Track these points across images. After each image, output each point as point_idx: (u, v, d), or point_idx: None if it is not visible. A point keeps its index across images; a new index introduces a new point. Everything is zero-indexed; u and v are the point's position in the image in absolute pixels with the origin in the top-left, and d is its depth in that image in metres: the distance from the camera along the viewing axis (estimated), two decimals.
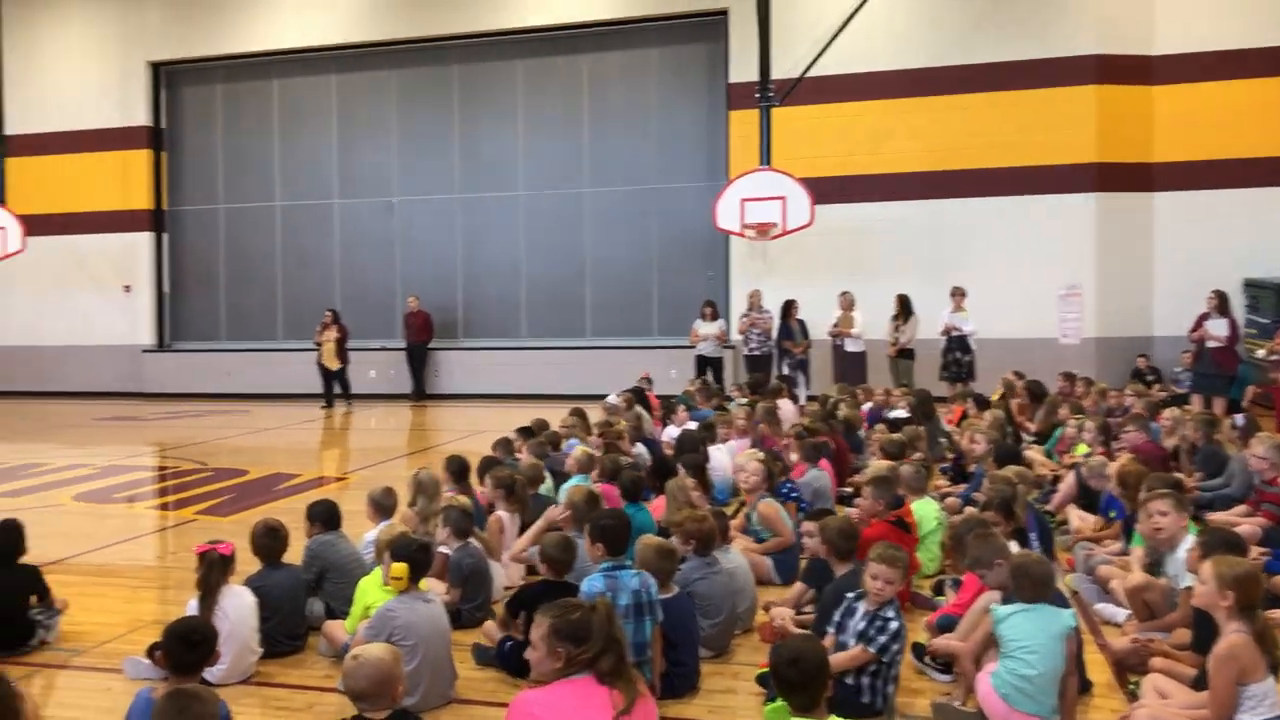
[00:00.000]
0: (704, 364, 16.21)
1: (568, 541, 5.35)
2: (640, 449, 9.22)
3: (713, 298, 16.99)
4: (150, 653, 5.15)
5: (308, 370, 19.43)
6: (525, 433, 9.25)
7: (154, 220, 21.14)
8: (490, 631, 5.48)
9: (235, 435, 15.00)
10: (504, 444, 8.71)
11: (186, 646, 3.94)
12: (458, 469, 7.54)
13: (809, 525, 5.88)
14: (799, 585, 5.88)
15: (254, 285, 20.96)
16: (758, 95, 14.69)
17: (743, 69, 16.83)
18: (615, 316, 18.93)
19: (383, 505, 6.55)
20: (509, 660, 5.19)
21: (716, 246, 17.92)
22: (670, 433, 10.43)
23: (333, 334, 18.09)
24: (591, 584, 4.84)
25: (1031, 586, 4.37)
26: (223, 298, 21.23)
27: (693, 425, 10.22)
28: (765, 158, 14.54)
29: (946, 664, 4.98)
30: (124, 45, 20.90)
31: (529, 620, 5.21)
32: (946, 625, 5.10)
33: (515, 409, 16.63)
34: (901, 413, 11.12)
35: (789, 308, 15.69)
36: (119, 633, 6.00)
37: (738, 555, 6.07)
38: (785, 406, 11.65)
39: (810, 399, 13.35)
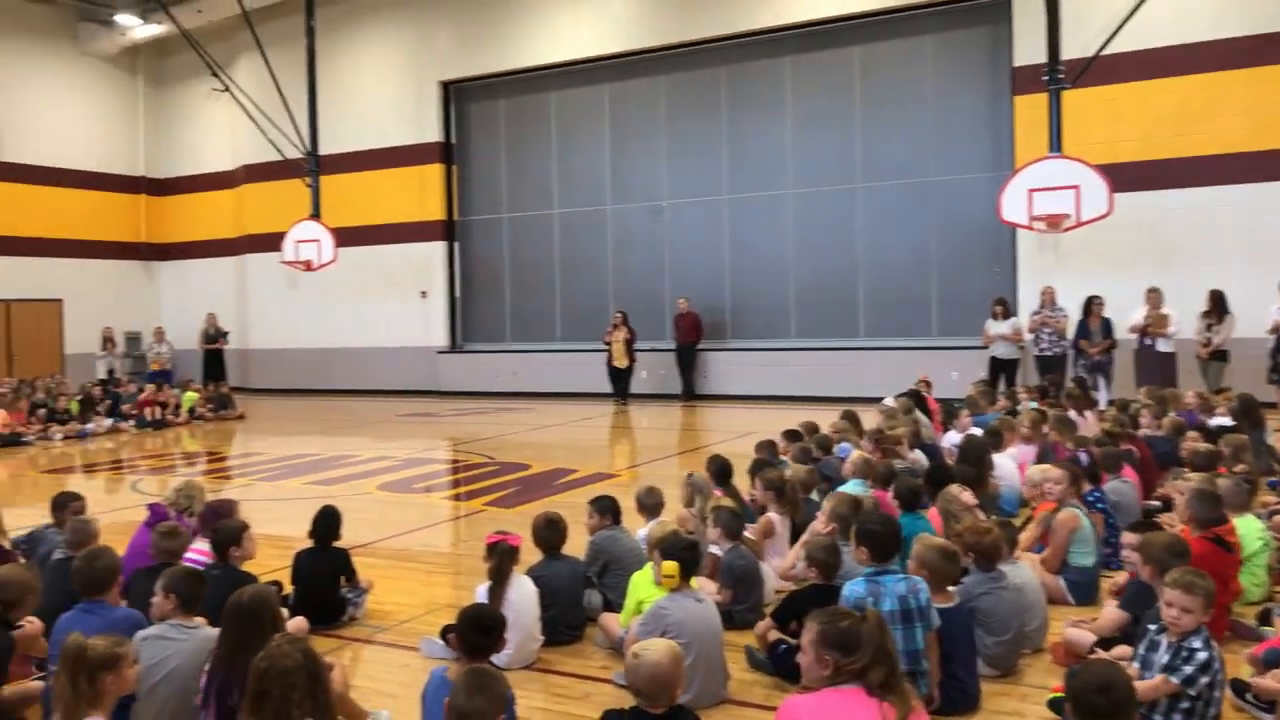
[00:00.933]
0: (998, 366, 15.34)
1: (834, 544, 5.23)
2: (918, 455, 8.83)
3: (999, 294, 16.09)
4: (444, 634, 5.49)
5: (585, 370, 20.23)
6: (792, 435, 9.07)
7: (446, 230, 22.64)
8: (763, 634, 5.39)
9: (519, 431, 15.77)
10: (767, 446, 8.56)
11: (480, 632, 4.11)
12: (719, 470, 7.49)
13: (1130, 538, 5.33)
14: (1114, 612, 5.25)
15: (535, 289, 21.99)
16: (1046, 78, 13.67)
17: (1028, 50, 15.81)
18: (890, 316, 18.29)
19: (646, 504, 6.63)
20: (781, 664, 5.09)
21: (1002, 241, 16.95)
22: (951, 438, 9.92)
23: (622, 334, 18.79)
24: (852, 589, 4.70)
25: None
26: (507, 302, 22.42)
27: (976, 431, 9.66)
28: (1055, 144, 13.51)
29: (1274, 703, 4.37)
30: (418, 67, 22.55)
31: (800, 625, 5.13)
32: (1275, 660, 4.48)
33: (784, 411, 16.44)
34: (1224, 420, 10.00)
35: (1090, 305, 14.53)
36: (416, 613, 6.39)
37: (1027, 570, 5.63)
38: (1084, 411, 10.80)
39: (1110, 403, 12.27)
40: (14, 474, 13.15)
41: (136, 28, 24.20)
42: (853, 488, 7.14)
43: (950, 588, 4.91)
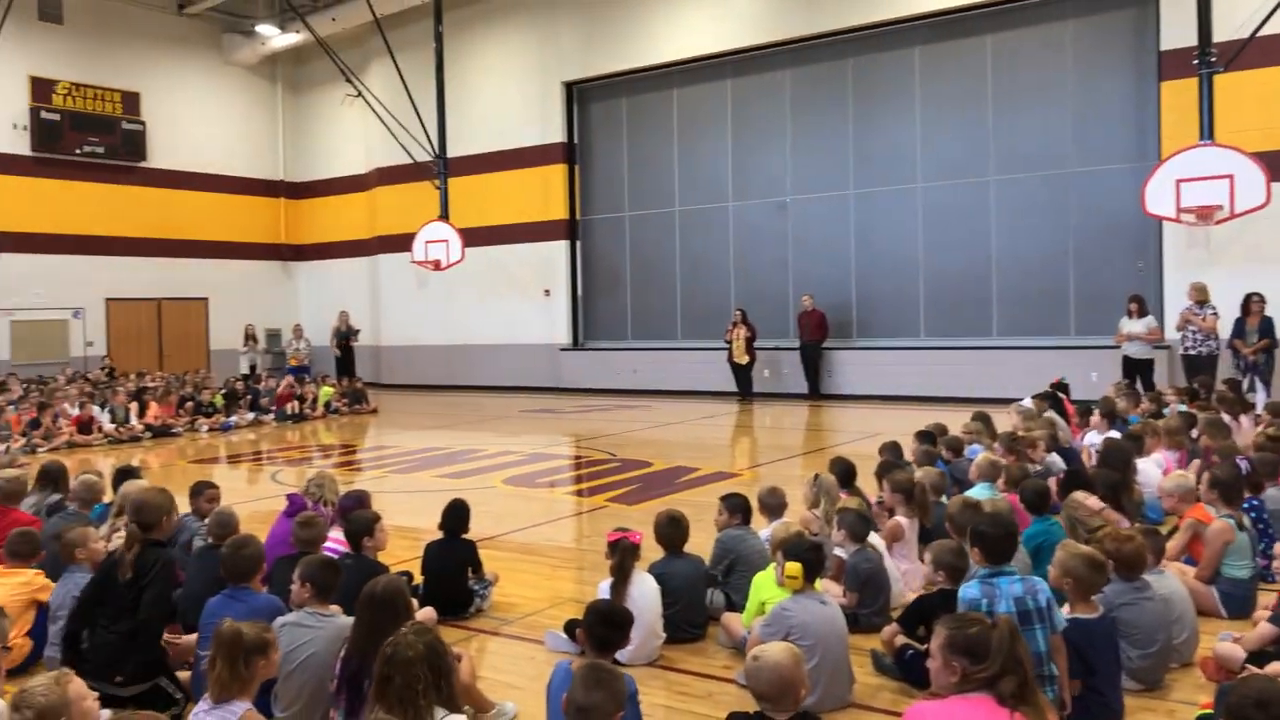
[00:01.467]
0: (1130, 366, 14.63)
1: (962, 548, 5.06)
2: (1054, 459, 8.48)
3: (1143, 291, 15.33)
4: (568, 629, 5.53)
5: (706, 368, 20.19)
6: (924, 437, 8.81)
7: (569, 229, 22.89)
8: (889, 639, 5.25)
9: (641, 429, 15.82)
10: (893, 448, 8.35)
11: (610, 626, 4.14)
12: (843, 471, 7.33)
13: None
14: (1267, 627, 4.94)
15: (655, 288, 22.03)
16: (1196, 61, 12.95)
17: (1176, 33, 15.03)
18: (1026, 314, 17.61)
19: (769, 504, 6.56)
20: (909, 669, 4.99)
21: (1147, 235, 16.16)
22: (1091, 440, 9.49)
23: (743, 331, 18.67)
24: (966, 591, 4.58)
25: None
26: (628, 300, 22.53)
27: (1114, 434, 9.22)
28: (1207, 131, 12.79)
29: None
30: (541, 69, 22.86)
31: (929, 630, 4.98)
32: None
33: (912, 411, 16.08)
34: None
35: (1248, 302, 13.65)
36: (541, 607, 6.45)
37: (1173, 580, 5.35)
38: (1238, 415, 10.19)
39: (1266, 407, 11.53)
40: (164, 464, 13.88)
41: (275, 37, 25.27)
42: (981, 491, 6.91)
43: (1093, 597, 4.70)
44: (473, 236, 21.62)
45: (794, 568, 4.87)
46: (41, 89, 22.45)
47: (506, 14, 23.25)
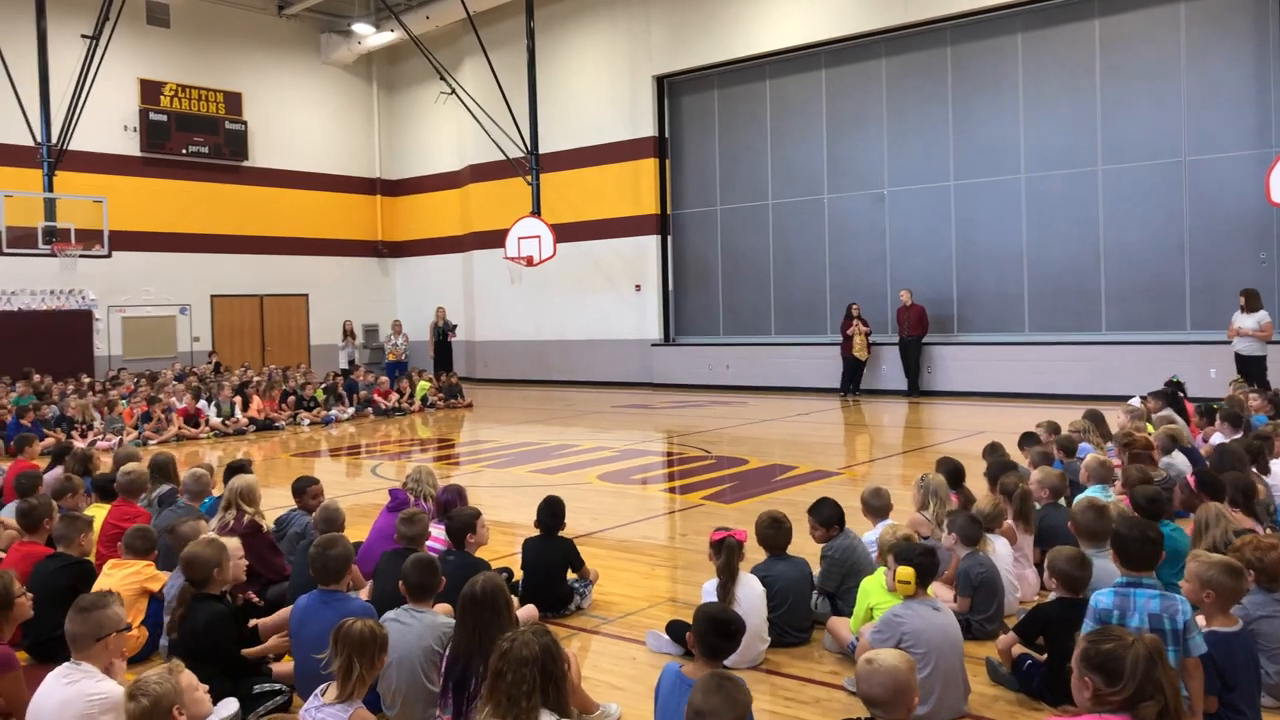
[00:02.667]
0: (1242, 363, 13.93)
1: (1081, 557, 4.80)
2: (1174, 460, 8.06)
3: (1264, 284, 14.61)
4: (671, 630, 5.42)
5: (800, 364, 19.95)
6: (1029, 439, 8.46)
7: (660, 224, 22.81)
8: (1006, 647, 5.02)
9: (735, 425, 15.64)
10: (993, 448, 8.04)
11: (722, 635, 4.00)
12: (951, 472, 7.07)
13: None
14: None
15: (748, 282, 21.79)
16: None
17: None
18: (1137, 308, 16.93)
19: (874, 506, 6.38)
20: (1028, 680, 4.81)
21: (1269, 225, 15.40)
22: (1217, 439, 9.02)
23: (862, 326, 18.38)
24: (1098, 599, 4.35)
25: None
26: (720, 295, 22.34)
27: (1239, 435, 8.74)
28: None
29: None
30: (632, 63, 22.80)
31: (1048, 639, 4.74)
32: None
33: (1016, 409, 15.63)
34: None
35: None
36: (640, 606, 6.36)
37: None
38: None
39: None
40: (268, 456, 14.20)
41: (371, 36, 25.73)
42: (1094, 494, 6.57)
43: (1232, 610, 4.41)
44: (564, 232, 21.71)
45: (906, 572, 4.73)
46: (150, 91, 23.25)
47: (597, 9, 23.25)
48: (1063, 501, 6.84)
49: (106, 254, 19.22)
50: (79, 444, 12.66)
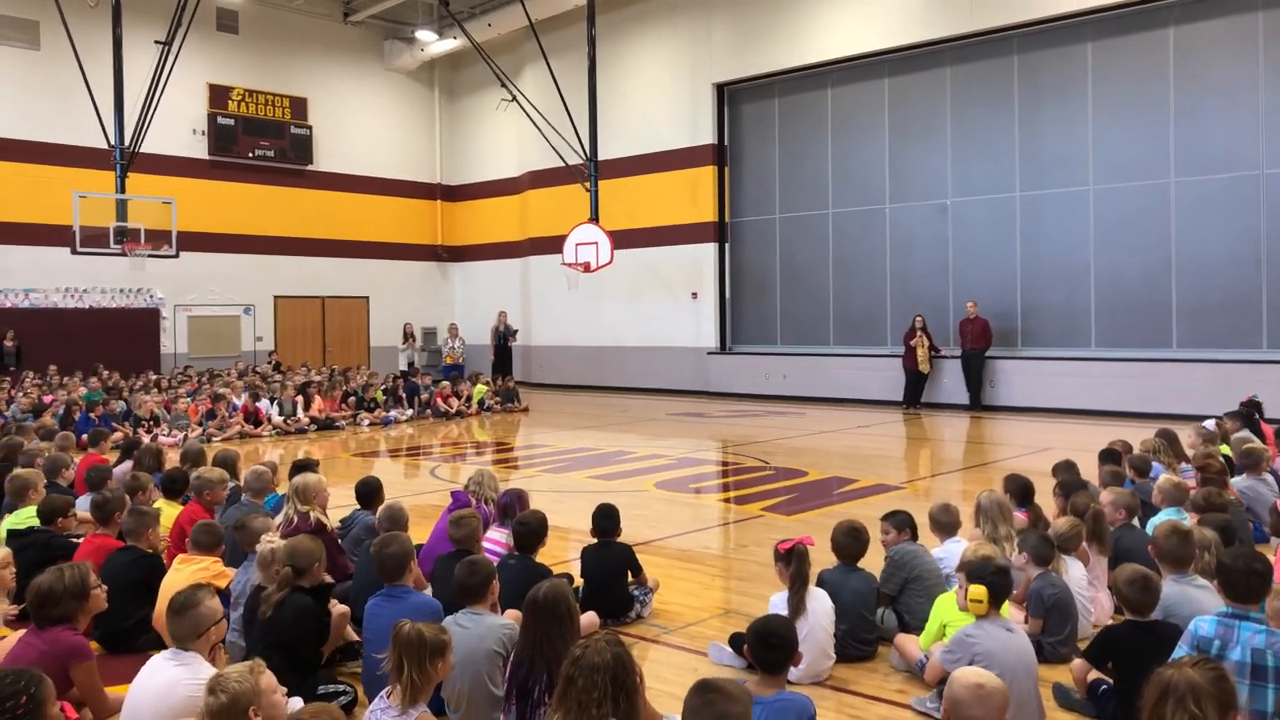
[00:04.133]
0: None
1: (1145, 580, 4.63)
2: (1256, 484, 7.79)
3: None
4: (734, 643, 5.35)
5: (859, 375, 19.74)
6: (1109, 456, 8.22)
7: (718, 232, 22.70)
8: (1080, 674, 4.88)
9: (793, 436, 15.48)
10: (1066, 466, 7.84)
11: (767, 648, 3.98)
12: (1020, 489, 6.89)
13: None
14: None
15: (807, 292, 21.60)
16: None
17: None
18: (1211, 325, 16.42)
19: (942, 522, 6.24)
20: (1103, 706, 4.66)
21: None
22: None
23: (925, 339, 18.13)
24: (1199, 625, 4.19)
25: None
26: (778, 304, 22.18)
27: None
28: None
29: None
30: (692, 70, 22.75)
31: (1118, 664, 4.59)
32: None
33: (1081, 425, 15.30)
34: None
35: None
36: (700, 616, 6.29)
37: None
38: None
39: None
40: (328, 456, 14.35)
41: (434, 43, 26.00)
42: (1168, 516, 6.37)
43: None
44: (622, 239, 21.70)
45: (978, 591, 4.61)
46: (218, 95, 23.72)
47: (659, 17, 23.26)
48: (1136, 522, 6.65)
49: (174, 254, 19.60)
50: (146, 439, 12.89)
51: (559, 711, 3.40)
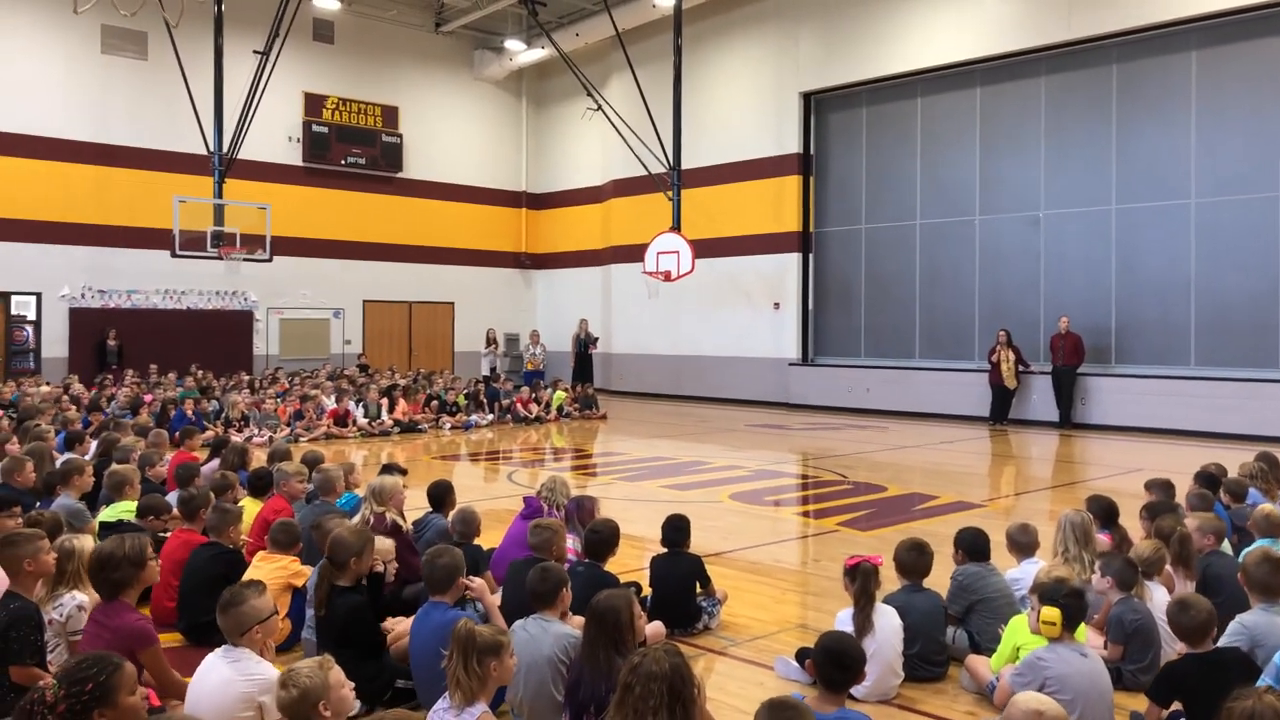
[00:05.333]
0: None
1: (1181, 603, 4.47)
2: None
3: None
4: (800, 658, 5.28)
5: (945, 390, 19.40)
6: (1206, 479, 7.90)
7: (801, 242, 22.51)
8: (1150, 715, 4.68)
9: (874, 451, 15.25)
10: (1161, 485, 7.55)
11: (834, 665, 3.92)
12: (1102, 510, 6.66)
13: None
14: None
15: (892, 304, 21.28)
16: None
17: None
18: None
19: (1020, 542, 6.07)
20: None
21: None
22: None
23: (1011, 353, 17.73)
24: None
25: None
26: (862, 316, 21.89)
27: None
28: None
29: None
30: (778, 80, 22.61)
31: (1184, 700, 4.40)
32: None
33: (1177, 446, 14.77)
34: None
35: None
36: (769, 630, 6.22)
37: None
38: None
39: None
40: (410, 458, 14.60)
41: (522, 53, 26.35)
42: (1263, 545, 6.07)
43: None
44: (703, 248, 21.67)
45: (1051, 613, 4.51)
46: (313, 104, 24.39)
47: (746, 26, 23.20)
48: (1227, 547, 6.38)
49: (268, 258, 20.22)
50: (236, 438, 13.29)
51: (616, 719, 3.40)
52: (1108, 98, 18.13)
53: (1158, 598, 5.49)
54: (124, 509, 7.08)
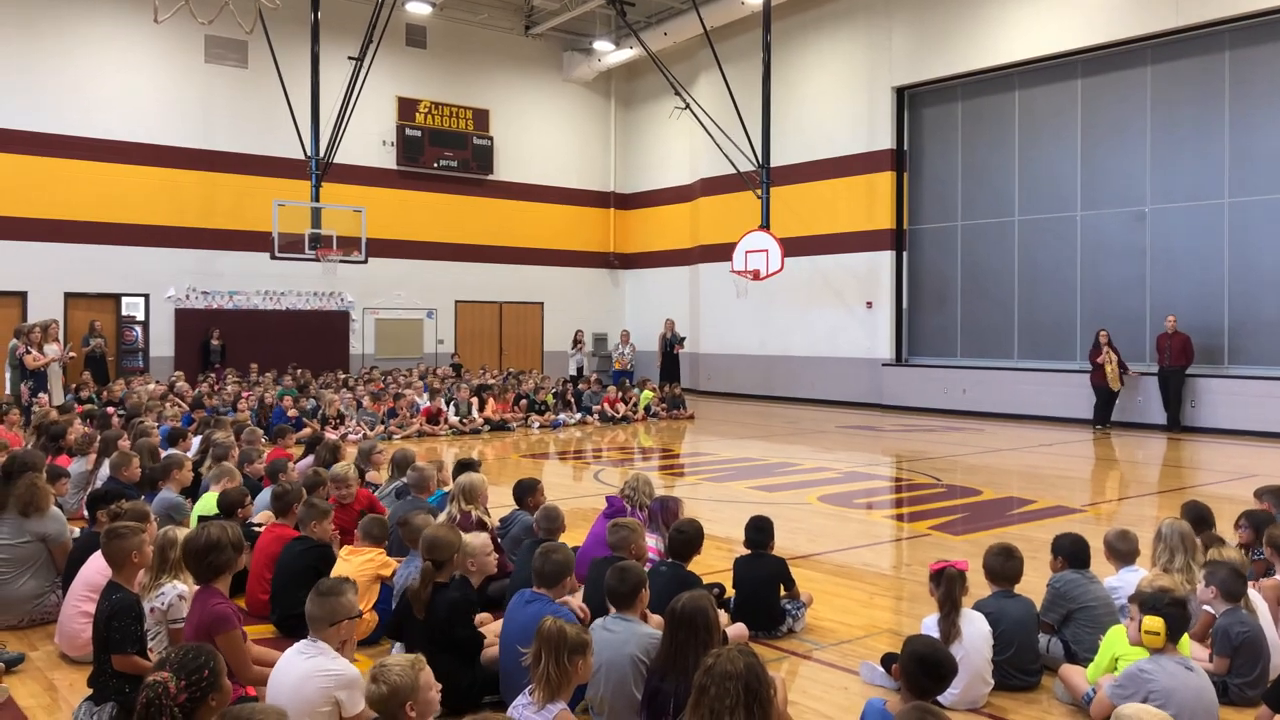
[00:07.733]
0: None
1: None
2: None
3: None
4: (886, 663, 5.15)
5: (1045, 391, 18.84)
6: None
7: (895, 239, 22.11)
8: (1262, 718, 4.46)
9: (970, 453, 14.88)
10: (1274, 493, 7.16)
11: (929, 676, 3.80)
12: (1196, 517, 6.34)
13: None
14: None
15: (990, 302, 20.75)
16: None
17: None
18: None
19: (1118, 549, 5.84)
20: None
21: None
22: None
23: (1113, 355, 17.19)
24: None
25: None
26: (958, 314, 21.39)
27: None
28: None
29: None
30: (871, 75, 22.24)
31: None
32: None
33: None
34: None
35: None
36: (855, 635, 6.10)
37: None
38: None
39: None
40: (499, 456, 14.78)
41: (610, 53, 26.45)
42: None
43: None
44: (793, 246, 21.46)
45: (1154, 623, 4.34)
46: (406, 108, 24.88)
47: (836, 21, 22.89)
48: None
49: (364, 260, 20.70)
50: (331, 435, 13.61)
51: (693, 719, 3.37)
52: (1219, 87, 17.36)
53: (1260, 608, 5.23)
54: (211, 502, 7.29)
